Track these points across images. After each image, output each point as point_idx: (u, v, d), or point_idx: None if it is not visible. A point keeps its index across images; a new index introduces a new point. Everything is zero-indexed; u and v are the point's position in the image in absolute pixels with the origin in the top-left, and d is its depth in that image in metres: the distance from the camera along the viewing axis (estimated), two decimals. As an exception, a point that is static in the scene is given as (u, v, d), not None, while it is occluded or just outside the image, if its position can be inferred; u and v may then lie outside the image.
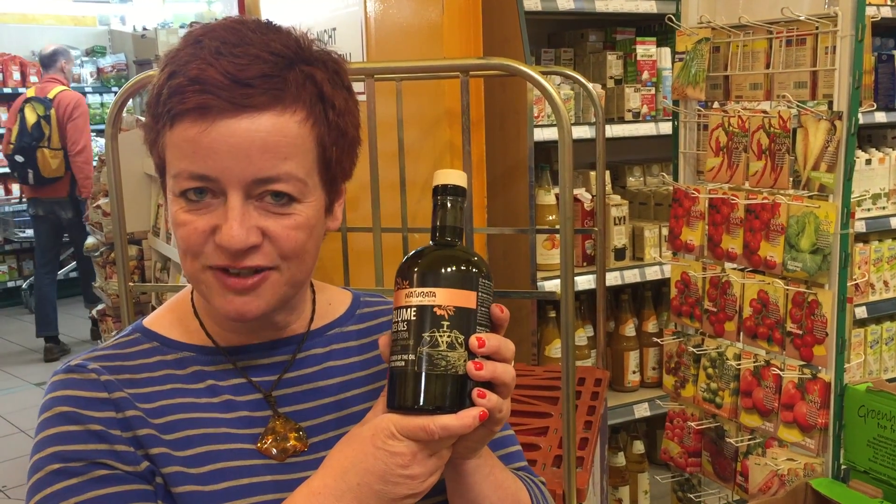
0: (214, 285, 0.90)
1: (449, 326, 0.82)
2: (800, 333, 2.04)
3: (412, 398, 0.82)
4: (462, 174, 0.89)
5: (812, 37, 2.05)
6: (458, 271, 0.84)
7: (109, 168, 1.88)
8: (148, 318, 1.02)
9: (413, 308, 0.83)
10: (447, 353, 0.82)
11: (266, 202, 0.88)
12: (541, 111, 2.81)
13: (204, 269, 0.90)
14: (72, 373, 0.92)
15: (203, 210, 0.88)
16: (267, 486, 0.93)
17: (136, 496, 0.87)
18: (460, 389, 0.82)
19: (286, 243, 0.89)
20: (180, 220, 0.89)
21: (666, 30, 3.02)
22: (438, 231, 0.88)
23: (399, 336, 0.84)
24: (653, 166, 3.54)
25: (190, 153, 0.87)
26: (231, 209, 0.87)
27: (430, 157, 2.63)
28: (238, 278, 0.89)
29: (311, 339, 1.02)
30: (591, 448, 1.92)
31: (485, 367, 0.82)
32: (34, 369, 5.76)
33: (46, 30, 8.02)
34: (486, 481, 0.93)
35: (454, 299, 0.83)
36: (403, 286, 0.85)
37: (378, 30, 2.77)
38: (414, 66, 2.06)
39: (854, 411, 1.98)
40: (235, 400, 0.96)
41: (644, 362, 3.21)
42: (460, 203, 0.88)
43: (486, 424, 0.84)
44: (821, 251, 1.98)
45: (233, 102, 0.85)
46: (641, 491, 3.15)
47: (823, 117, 1.96)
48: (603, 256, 2.48)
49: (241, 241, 0.87)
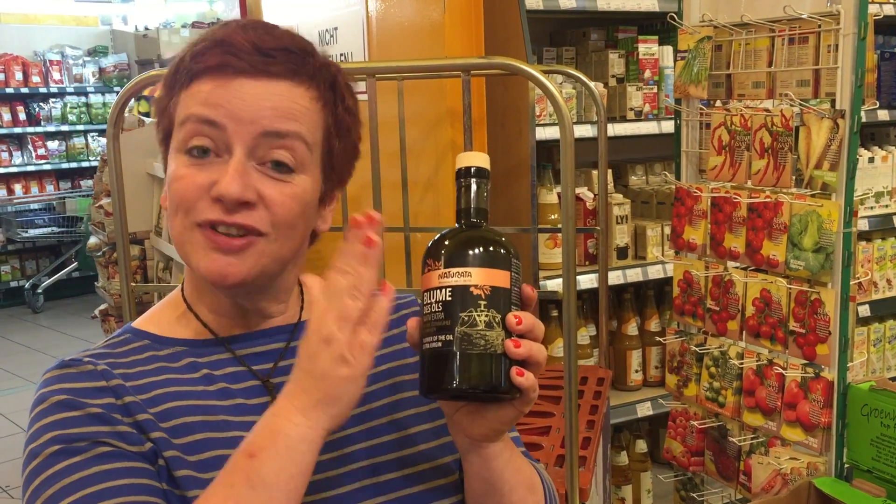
0: (201, 243, 0.90)
1: (486, 306, 0.82)
2: (802, 332, 2.04)
3: (449, 379, 0.81)
4: (485, 156, 0.89)
5: (814, 35, 2.04)
6: (493, 251, 0.84)
7: (111, 168, 1.88)
8: (137, 320, 1.03)
9: (448, 288, 0.82)
10: (486, 332, 0.81)
11: (267, 167, 0.90)
12: (542, 110, 2.80)
13: (193, 226, 0.90)
14: (66, 367, 0.92)
15: (203, 165, 0.90)
16: None
17: (141, 473, 0.86)
18: (498, 368, 0.82)
19: (280, 210, 0.90)
20: (179, 175, 0.90)
21: (668, 28, 3.01)
22: (464, 213, 0.88)
23: (433, 317, 0.82)
24: (655, 165, 3.54)
25: (202, 100, 0.90)
26: (234, 161, 0.88)
27: (432, 156, 2.62)
28: (226, 237, 0.90)
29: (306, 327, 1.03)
30: (593, 447, 1.92)
31: (522, 345, 0.82)
32: (37, 369, 5.77)
33: (49, 30, 8.02)
34: (508, 465, 0.94)
35: (490, 279, 0.83)
36: (435, 267, 0.84)
37: (379, 29, 2.77)
38: (415, 65, 2.06)
39: (857, 410, 1.98)
40: (231, 388, 0.96)
41: (646, 361, 3.21)
42: (485, 184, 0.89)
43: (517, 405, 0.85)
44: (823, 250, 1.97)
45: (253, 66, 0.89)
46: (644, 490, 3.15)
47: (826, 115, 1.96)
48: (605, 255, 2.48)
49: (238, 192, 0.87)
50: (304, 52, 0.93)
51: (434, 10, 2.55)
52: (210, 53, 0.90)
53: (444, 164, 2.61)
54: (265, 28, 0.93)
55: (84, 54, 8.05)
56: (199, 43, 0.93)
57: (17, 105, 7.55)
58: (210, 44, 0.91)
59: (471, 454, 0.92)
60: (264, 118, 0.89)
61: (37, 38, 7.87)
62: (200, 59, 0.91)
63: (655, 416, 3.13)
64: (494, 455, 0.92)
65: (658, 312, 3.22)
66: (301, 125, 0.91)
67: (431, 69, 2.13)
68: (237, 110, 0.89)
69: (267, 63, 0.90)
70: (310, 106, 0.93)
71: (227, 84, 0.89)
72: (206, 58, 0.90)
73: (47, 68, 7.70)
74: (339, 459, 0.96)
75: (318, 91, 0.93)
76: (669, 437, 2.51)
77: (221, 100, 0.89)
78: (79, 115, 7.83)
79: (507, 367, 0.82)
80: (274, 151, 0.90)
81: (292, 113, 0.91)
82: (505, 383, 0.82)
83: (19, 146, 7.69)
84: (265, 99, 0.89)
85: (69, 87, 7.79)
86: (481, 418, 0.87)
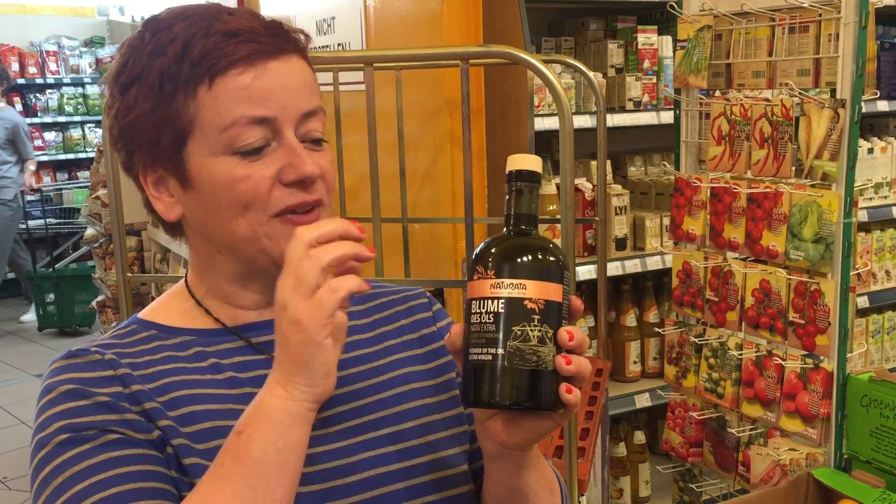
0: (284, 231, 0.90)
1: (539, 321, 0.80)
2: (802, 323, 2.03)
3: (497, 393, 0.79)
4: (538, 159, 0.86)
5: (815, 24, 2.03)
6: (547, 262, 0.82)
7: (107, 158, 1.87)
8: (143, 311, 1.02)
9: (501, 300, 0.80)
10: (538, 348, 0.79)
11: (308, 143, 0.93)
12: (541, 100, 2.79)
13: (269, 219, 0.91)
14: (73, 357, 0.91)
15: (260, 160, 0.90)
16: None
17: (151, 460, 0.86)
18: (548, 385, 0.80)
19: (329, 177, 0.95)
20: (240, 175, 0.89)
21: (667, 18, 2.99)
22: (514, 219, 0.85)
23: (482, 328, 0.80)
24: (654, 156, 3.52)
25: (245, 99, 0.89)
26: (294, 145, 0.91)
27: (430, 146, 2.61)
28: (307, 215, 0.92)
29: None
30: (592, 438, 1.91)
31: (573, 362, 0.81)
32: (34, 360, 5.76)
33: (45, 20, 8.00)
34: (534, 471, 0.93)
35: (544, 292, 0.80)
36: (487, 276, 0.81)
37: (377, 19, 2.75)
38: (413, 53, 2.04)
39: (856, 401, 1.98)
40: (239, 377, 0.95)
41: (645, 352, 3.20)
42: (537, 190, 0.85)
43: (557, 417, 0.84)
44: (823, 240, 1.96)
45: (276, 47, 0.91)
46: (643, 481, 3.15)
47: (826, 105, 1.95)
48: (604, 246, 2.47)
49: (315, 170, 0.91)
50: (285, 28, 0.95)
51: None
52: (229, 45, 0.88)
53: (442, 154, 2.59)
54: (247, 11, 0.95)
55: (81, 45, 8.02)
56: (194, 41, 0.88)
57: (13, 96, 7.52)
58: (220, 38, 0.88)
59: (500, 461, 0.91)
60: (301, 99, 0.92)
61: (33, 29, 7.84)
62: (222, 55, 0.88)
63: (654, 408, 3.13)
64: (525, 463, 0.91)
65: (657, 303, 3.22)
66: (319, 98, 0.96)
67: (430, 58, 2.12)
68: (281, 97, 0.90)
69: (280, 42, 0.92)
70: (313, 76, 0.97)
71: (263, 73, 0.90)
72: (228, 51, 0.88)
73: (44, 59, 7.68)
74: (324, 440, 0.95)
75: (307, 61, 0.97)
76: (668, 429, 2.51)
77: (266, 92, 0.89)
78: (76, 106, 7.80)
79: (556, 383, 0.80)
80: (311, 129, 0.93)
81: (313, 87, 0.95)
82: (553, 399, 0.80)
83: (16, 137, 7.67)
84: (297, 79, 0.92)
85: (66, 77, 7.77)
86: (517, 428, 0.85)
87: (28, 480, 0.87)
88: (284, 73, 0.91)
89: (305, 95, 0.93)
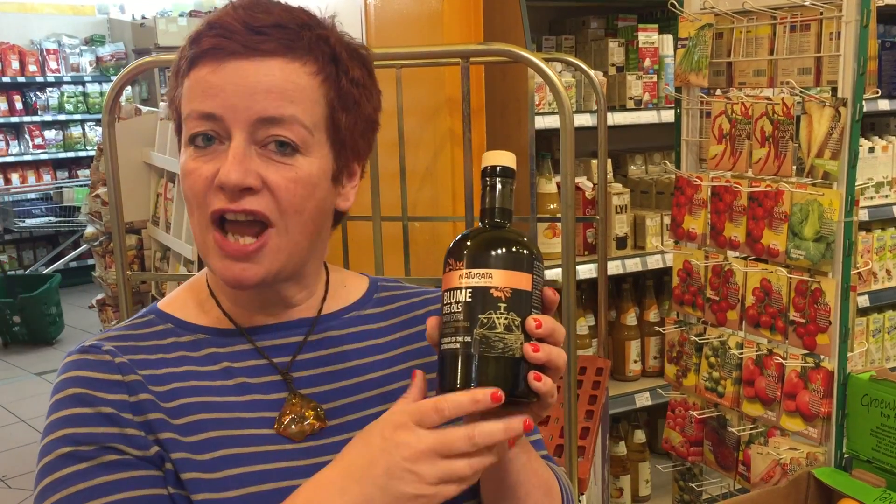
0: (215, 249, 0.90)
1: (506, 308, 0.81)
2: (803, 322, 2.03)
3: (465, 380, 0.80)
4: (511, 155, 0.87)
5: (816, 22, 2.02)
6: (515, 253, 0.83)
7: (107, 156, 1.87)
8: (163, 301, 1.01)
9: (469, 289, 0.81)
10: (504, 335, 0.80)
11: (269, 150, 0.89)
12: (542, 99, 2.79)
13: (207, 226, 0.90)
14: (86, 353, 0.92)
15: (209, 156, 0.89)
16: (280, 472, 0.91)
17: (145, 482, 0.86)
18: (515, 372, 0.81)
19: (284, 194, 0.89)
20: (188, 169, 0.90)
21: (668, 16, 2.99)
22: (489, 212, 0.86)
23: (452, 318, 0.81)
24: (654, 154, 3.52)
25: (199, 93, 0.89)
26: (232, 148, 0.87)
27: (431, 145, 2.61)
28: (237, 245, 0.89)
29: (329, 320, 1.01)
30: (592, 437, 1.91)
31: (541, 350, 0.81)
32: (34, 358, 5.76)
33: (45, 18, 7.99)
34: (525, 469, 0.93)
35: (511, 281, 0.82)
36: (457, 267, 0.83)
37: (378, 17, 2.75)
38: (414, 51, 2.04)
39: (857, 400, 1.97)
40: (250, 382, 0.95)
41: (645, 351, 3.20)
42: (510, 184, 0.87)
43: (534, 409, 0.83)
44: (824, 239, 1.96)
45: (245, 45, 0.88)
46: (643, 480, 3.15)
47: (827, 104, 1.94)
48: (604, 245, 2.47)
49: (239, 178, 0.87)
50: (299, 27, 0.91)
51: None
52: (204, 38, 0.90)
53: (442, 153, 2.59)
54: (260, 5, 0.91)
55: (81, 43, 8.01)
56: (197, 28, 0.93)
57: (13, 94, 7.52)
58: (204, 28, 0.91)
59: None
60: (258, 103, 0.88)
61: (33, 27, 7.83)
62: (195, 45, 0.90)
63: (654, 407, 3.13)
64: (511, 458, 0.90)
65: (657, 302, 3.22)
66: (297, 106, 0.89)
67: (430, 56, 2.11)
68: (231, 97, 0.87)
69: (259, 41, 0.88)
70: (307, 83, 0.90)
71: (220, 69, 0.88)
72: (200, 42, 0.90)
73: (44, 57, 7.67)
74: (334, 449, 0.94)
75: (317, 65, 0.91)
76: (668, 428, 2.51)
77: (215, 89, 0.88)
78: (76, 104, 7.80)
79: (525, 371, 0.81)
80: (273, 133, 0.89)
81: (286, 93, 0.89)
82: (522, 387, 0.81)
83: (16, 136, 7.67)
84: (258, 81, 0.88)
85: (66, 76, 7.76)
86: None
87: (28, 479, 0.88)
88: (247, 73, 0.88)
89: (265, 100, 0.88)
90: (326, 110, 0.92)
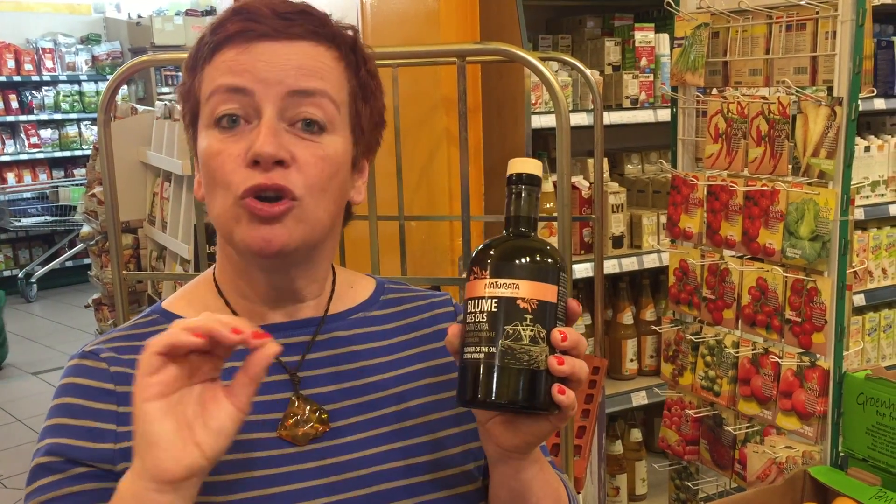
0: (244, 216, 0.88)
1: (532, 320, 0.80)
2: (798, 321, 2.03)
3: (488, 391, 0.80)
4: (538, 163, 0.86)
5: (812, 21, 2.03)
6: (541, 263, 0.82)
7: (102, 155, 1.86)
8: (168, 299, 1.01)
9: (494, 299, 0.81)
10: (530, 348, 0.80)
11: (297, 128, 0.89)
12: (538, 98, 2.79)
13: (235, 202, 0.89)
14: (85, 359, 0.93)
15: (237, 136, 0.89)
16: (282, 477, 0.91)
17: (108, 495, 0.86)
18: (539, 385, 0.80)
19: (313, 170, 0.89)
20: (214, 150, 0.89)
21: (664, 16, 2.99)
22: (513, 221, 0.86)
23: (476, 327, 0.81)
24: (651, 153, 3.53)
25: (226, 70, 0.89)
26: (265, 121, 0.88)
27: (427, 144, 2.61)
28: (267, 203, 0.88)
29: (335, 321, 1.01)
30: (588, 436, 1.91)
31: (566, 363, 0.81)
32: (30, 358, 5.75)
33: (41, 17, 7.97)
34: (537, 478, 0.93)
35: (537, 292, 0.81)
36: (482, 276, 0.82)
37: (374, 16, 2.75)
38: (410, 51, 2.04)
39: (853, 399, 1.98)
40: None
41: (642, 350, 3.20)
42: (536, 193, 0.86)
43: (553, 420, 0.83)
44: (820, 238, 1.96)
45: (274, 29, 0.90)
46: (639, 479, 3.15)
47: (823, 103, 1.95)
48: (601, 244, 2.47)
49: (273, 150, 0.86)
50: (321, 17, 0.94)
51: (429, -4, 2.53)
52: (230, 22, 0.91)
53: (438, 152, 2.59)
54: None
55: (77, 42, 7.99)
56: (218, 17, 0.93)
57: (9, 93, 7.50)
58: (228, 13, 0.92)
59: (500, 464, 0.91)
60: (290, 77, 0.89)
61: (29, 26, 7.81)
62: (220, 30, 0.91)
63: (650, 405, 3.13)
64: (525, 467, 0.90)
65: (653, 301, 3.22)
66: (326, 83, 0.91)
67: (426, 55, 2.11)
68: (262, 72, 0.88)
69: (287, 25, 0.90)
70: (333, 65, 0.93)
71: (249, 49, 0.89)
72: (227, 27, 0.91)
73: (40, 56, 7.65)
74: (376, 456, 0.95)
75: (340, 52, 0.94)
76: (664, 426, 2.51)
77: (246, 65, 0.89)
78: (72, 103, 7.78)
79: (548, 383, 0.81)
80: (303, 110, 0.89)
81: (317, 71, 0.91)
82: (545, 399, 0.81)
83: (12, 135, 7.65)
84: (289, 59, 0.89)
85: (62, 75, 7.74)
86: (515, 430, 0.86)
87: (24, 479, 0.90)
88: (278, 52, 0.89)
89: (296, 75, 0.89)
90: (349, 96, 0.94)
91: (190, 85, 0.94)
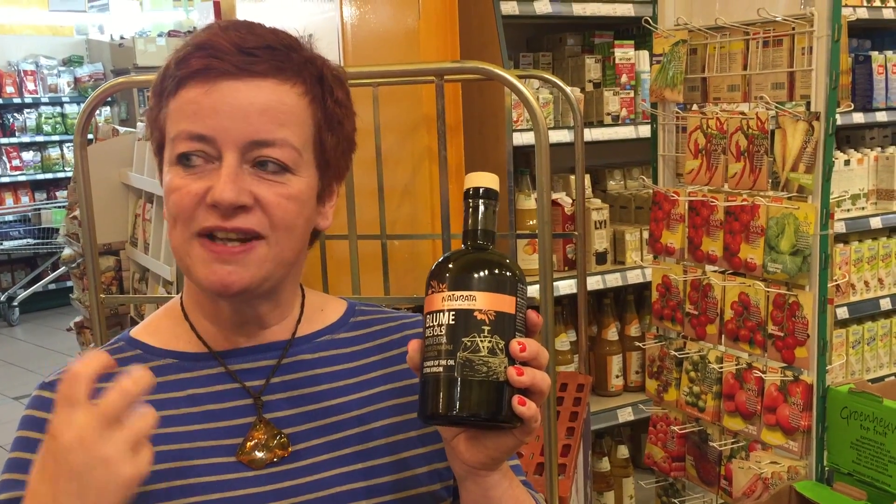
0: (201, 255, 0.89)
1: (490, 331, 0.80)
2: (781, 335, 2.03)
3: (448, 405, 0.79)
4: (494, 177, 0.87)
5: (789, 38, 2.04)
6: (498, 275, 0.82)
7: (78, 178, 1.85)
8: (136, 327, 1.01)
9: (452, 312, 0.80)
10: (488, 359, 0.79)
11: (259, 169, 0.89)
12: (520, 115, 2.79)
13: (191, 238, 0.89)
14: (44, 390, 0.94)
15: (198, 174, 0.89)
16: (237, 500, 0.90)
17: None
18: (499, 396, 0.80)
19: (277, 211, 0.89)
20: (174, 186, 0.89)
21: (644, 33, 3.01)
22: (471, 234, 0.86)
23: (434, 341, 0.81)
24: (633, 169, 3.54)
25: (191, 114, 0.89)
26: (225, 167, 0.87)
27: (409, 163, 2.60)
28: (224, 247, 0.88)
29: (300, 344, 1.01)
30: (573, 455, 1.90)
31: (525, 373, 0.80)
32: (12, 382, 5.68)
33: (23, 39, 7.94)
34: (506, 495, 0.91)
35: (495, 304, 0.81)
36: (440, 290, 0.82)
37: (354, 36, 2.74)
38: (389, 69, 2.04)
39: (837, 413, 1.97)
40: (215, 409, 0.94)
41: (627, 366, 3.20)
42: (493, 206, 0.86)
43: (517, 434, 0.83)
44: (801, 252, 1.97)
45: (237, 66, 0.88)
46: (626, 496, 3.13)
47: (801, 118, 1.96)
48: (584, 260, 2.47)
49: (233, 197, 0.86)
50: (287, 48, 0.92)
51: (409, 16, 2.53)
52: (193, 58, 0.90)
53: (420, 170, 2.58)
54: (247, 27, 0.92)
55: (59, 64, 7.96)
56: (183, 49, 0.92)
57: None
58: (192, 48, 0.90)
59: (468, 482, 0.90)
60: (252, 126, 0.88)
61: (11, 48, 7.78)
62: (183, 66, 0.90)
63: (637, 422, 3.12)
64: (493, 484, 0.90)
65: (638, 317, 3.22)
66: (287, 129, 0.90)
67: (405, 74, 2.11)
68: (225, 119, 0.88)
69: (251, 62, 0.89)
70: (296, 103, 0.91)
71: (212, 89, 0.88)
72: (190, 62, 0.90)
73: (21, 78, 7.61)
74: (336, 478, 0.94)
75: (305, 86, 0.92)
76: (650, 443, 2.50)
77: (208, 110, 0.88)
78: (54, 125, 7.74)
79: (509, 395, 0.80)
80: (266, 153, 0.89)
81: (278, 116, 0.90)
82: (506, 412, 0.80)
83: (-7, 157, 7.60)
84: (252, 102, 0.88)
85: (44, 97, 7.71)
86: (480, 445, 0.85)
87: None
88: (239, 94, 0.88)
89: (258, 121, 0.89)
90: (314, 131, 0.94)
91: (156, 114, 0.94)
